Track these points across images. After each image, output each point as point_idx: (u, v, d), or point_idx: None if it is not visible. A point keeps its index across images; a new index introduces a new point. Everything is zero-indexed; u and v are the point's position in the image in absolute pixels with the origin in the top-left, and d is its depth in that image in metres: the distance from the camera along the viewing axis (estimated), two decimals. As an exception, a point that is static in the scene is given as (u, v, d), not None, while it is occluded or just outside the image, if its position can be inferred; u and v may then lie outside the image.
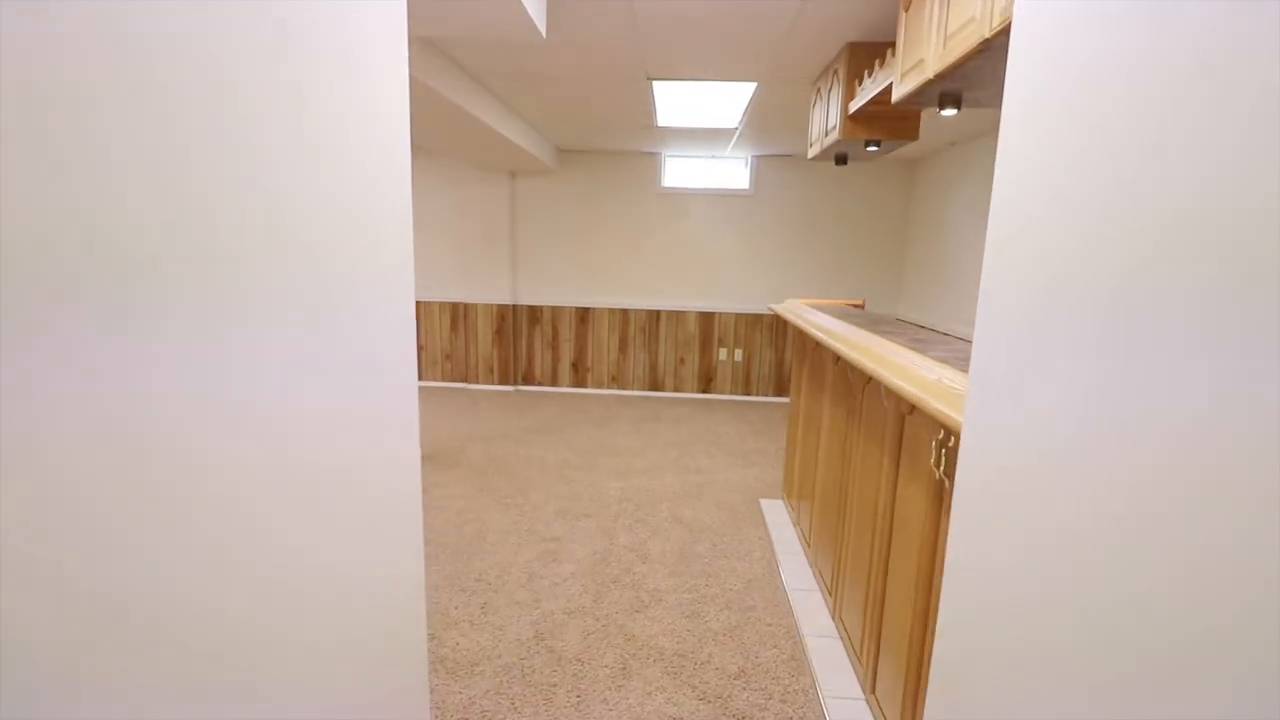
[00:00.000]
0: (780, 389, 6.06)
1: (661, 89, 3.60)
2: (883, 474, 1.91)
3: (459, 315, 6.22)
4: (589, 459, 4.27)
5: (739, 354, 6.03)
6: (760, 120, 4.33)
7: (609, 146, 5.57)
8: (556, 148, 5.70)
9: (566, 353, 6.17)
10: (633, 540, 3.11)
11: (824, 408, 2.67)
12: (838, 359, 2.47)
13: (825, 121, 2.96)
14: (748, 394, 6.09)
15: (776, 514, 3.42)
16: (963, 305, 4.60)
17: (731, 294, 5.96)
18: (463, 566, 2.81)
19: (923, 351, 1.77)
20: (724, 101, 3.94)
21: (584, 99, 3.87)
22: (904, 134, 2.70)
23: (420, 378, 6.54)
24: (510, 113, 4.24)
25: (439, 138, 4.29)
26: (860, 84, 2.52)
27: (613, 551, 2.99)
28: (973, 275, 4.47)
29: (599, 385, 6.19)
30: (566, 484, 3.82)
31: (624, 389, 6.18)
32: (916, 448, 1.65)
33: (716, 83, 3.39)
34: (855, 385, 2.23)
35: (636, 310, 6.03)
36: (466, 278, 6.11)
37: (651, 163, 5.81)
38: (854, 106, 2.58)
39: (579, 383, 6.20)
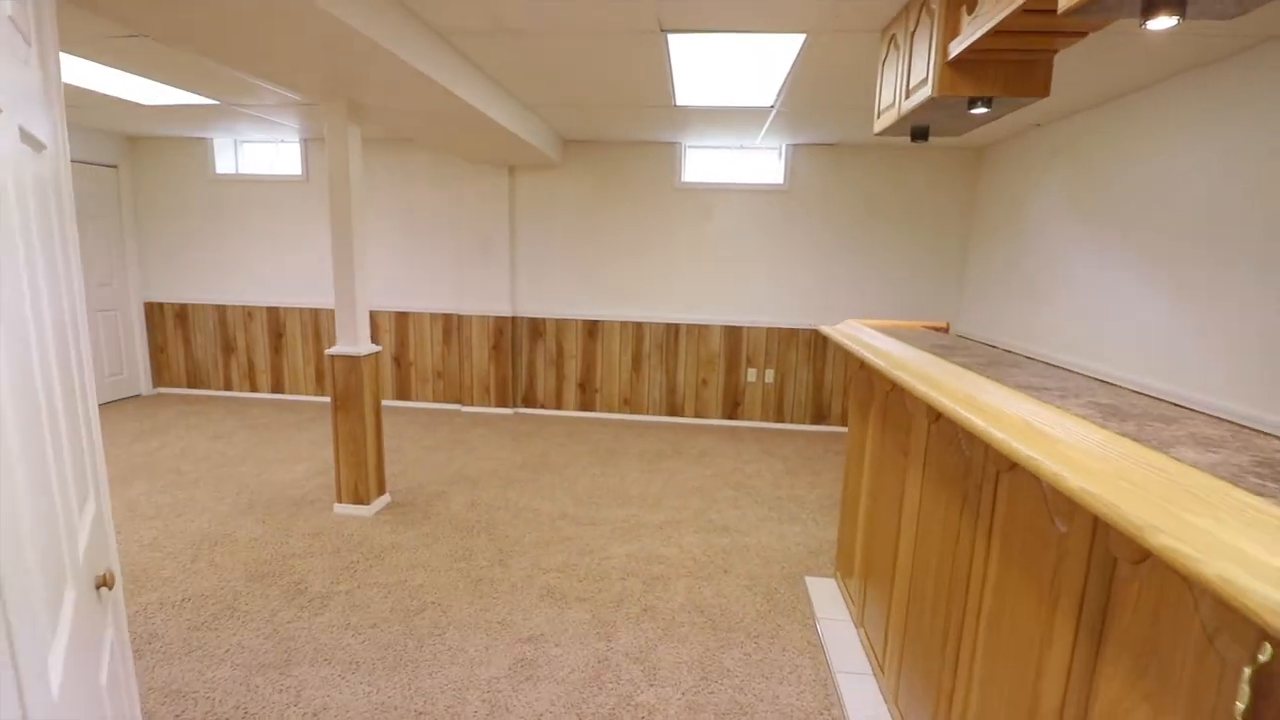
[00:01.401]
0: (819, 416, 5.23)
1: (681, 50, 2.83)
2: (1052, 643, 1.11)
3: (452, 328, 5.51)
4: (591, 510, 3.50)
5: (770, 375, 5.21)
6: (803, 95, 3.53)
7: (620, 136, 4.82)
8: (560, 138, 4.97)
9: (572, 372, 5.42)
10: (638, 642, 2.33)
11: (911, 478, 1.87)
12: (937, 417, 1.67)
13: (904, 79, 2.16)
14: (780, 421, 5.27)
15: (829, 602, 2.61)
16: (1058, 324, 3.73)
17: (762, 306, 5.15)
18: (403, 687, 2.06)
19: (1138, 437, 0.97)
20: (757, 72, 3.15)
21: (584, 68, 3.12)
22: (1027, 87, 1.89)
23: (409, 397, 5.87)
24: (499, 90, 3.50)
25: (414, 120, 3.57)
26: (971, 12, 1.72)
27: (610, 662, 2.22)
28: (1071, 286, 3.61)
29: (609, 409, 5.43)
30: (561, 547, 3.05)
31: (637, 413, 5.40)
32: (1162, 643, 0.85)
33: (751, 36, 2.61)
34: (979, 464, 1.43)
35: (652, 324, 5.26)
36: (461, 286, 5.40)
37: (669, 154, 5.04)
38: (959, 47, 1.78)
39: (586, 405, 5.44)
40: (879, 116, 2.49)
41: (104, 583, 1.06)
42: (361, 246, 3.25)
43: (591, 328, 5.33)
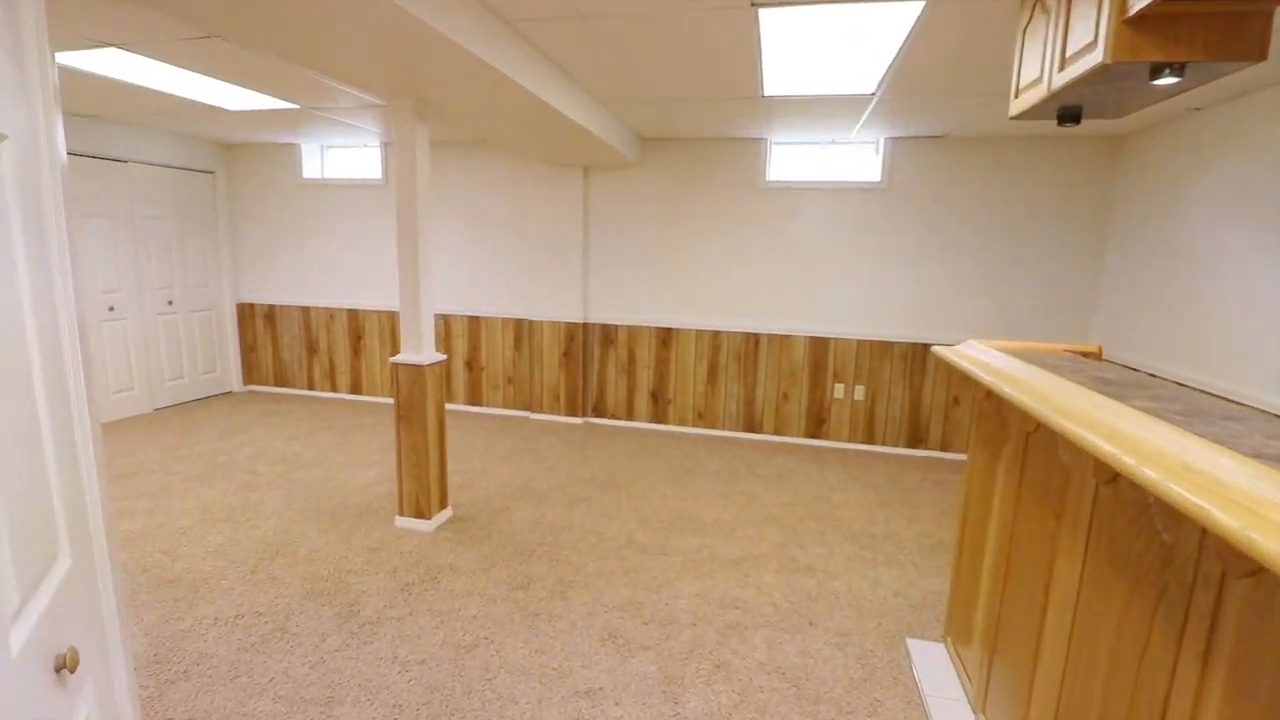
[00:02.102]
0: (915, 439, 4.71)
1: (772, 30, 2.50)
2: None
3: (523, 334, 5.39)
4: (660, 536, 3.22)
5: (860, 391, 4.75)
6: (911, 79, 3.11)
7: (701, 132, 4.51)
8: (638, 136, 4.72)
9: (645, 381, 5.16)
10: (709, 708, 2.02)
11: (1067, 549, 1.47)
12: (1112, 477, 1.27)
13: (1057, 47, 1.75)
14: (870, 443, 4.80)
15: (938, 674, 2.20)
16: (1229, 346, 3.11)
17: (853, 316, 4.70)
18: (446, 744, 1.85)
19: None
20: (859, 54, 2.78)
21: (662, 55, 2.85)
22: (1236, 49, 1.45)
23: (480, 403, 5.80)
24: (572, 85, 3.29)
25: (484, 120, 3.42)
26: (1169, -53, 1.31)
27: (677, 731, 1.92)
28: (1246, 300, 2.99)
29: (682, 421, 5.13)
30: (626, 579, 2.79)
31: (712, 428, 5.07)
32: None
33: (856, 7, 2.25)
34: (1190, 558, 1.04)
35: (730, 333, 4.92)
36: (532, 291, 5.26)
37: (754, 152, 4.69)
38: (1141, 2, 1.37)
39: (658, 417, 5.17)
40: (1017, 96, 2.07)
41: (65, 664, 0.87)
42: (427, 250, 3.12)
43: (665, 336, 5.05)
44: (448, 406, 5.63)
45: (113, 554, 1.14)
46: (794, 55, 2.82)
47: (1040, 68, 1.89)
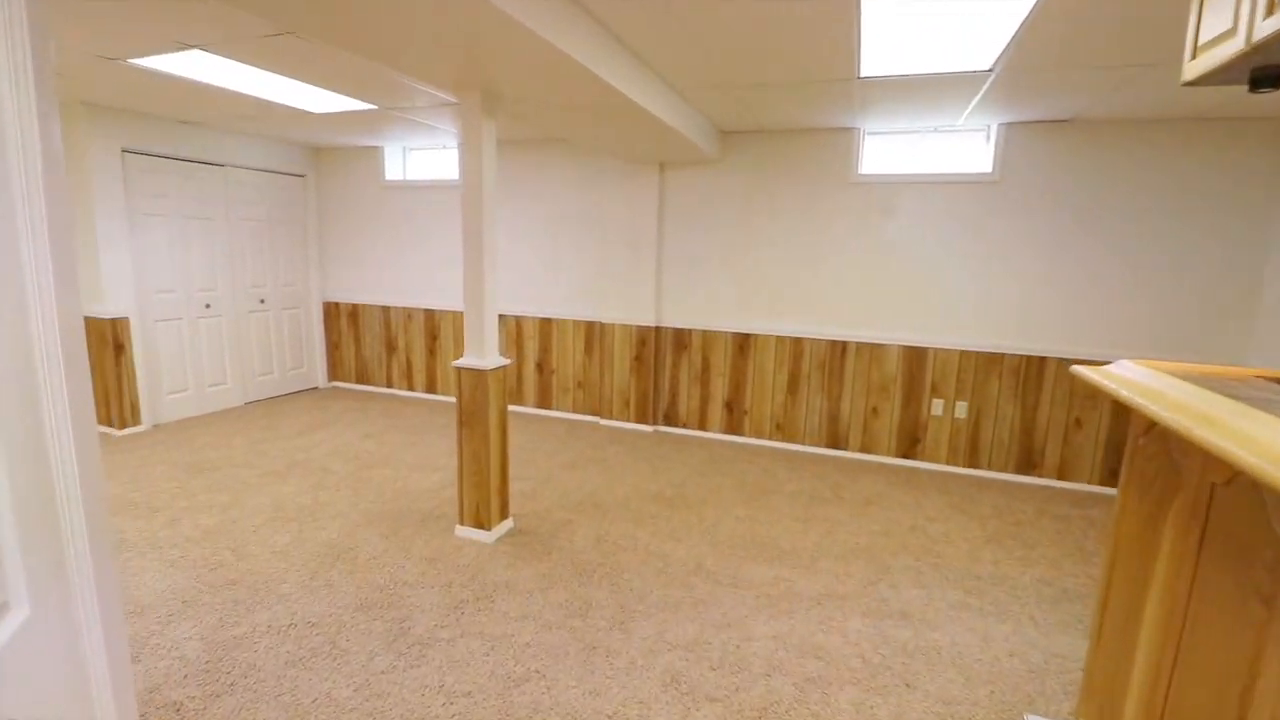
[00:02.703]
0: (1027, 464, 4.17)
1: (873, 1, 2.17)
2: None
3: (594, 337, 5.23)
4: (732, 564, 2.93)
5: (962, 408, 4.26)
6: (1038, 50, 2.68)
7: (786, 123, 4.18)
8: (718, 129, 4.44)
9: (719, 390, 4.87)
10: (785, 783, 1.73)
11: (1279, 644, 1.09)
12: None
13: (1269, -18, 1.34)
14: (974, 466, 4.29)
15: (1070, 764, 1.80)
16: None
17: (955, 324, 4.22)
18: (485, 799, 1.66)
19: None
20: (975, 24, 2.39)
21: (746, 34, 2.57)
22: None
23: (549, 406, 5.70)
24: (648, 73, 3.06)
25: (555, 114, 3.25)
26: None
27: (746, 810, 1.65)
28: None
29: (758, 434, 4.80)
30: (693, 612, 2.53)
31: (791, 442, 4.71)
32: None
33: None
34: None
35: (815, 340, 4.55)
36: (604, 293, 5.09)
37: (845, 143, 4.30)
38: None
39: (733, 428, 4.86)
40: (1194, 57, 1.65)
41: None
42: (493, 251, 2.98)
43: (743, 342, 4.74)
44: (518, 409, 5.56)
45: (108, 601, 1.00)
46: (898, 28, 2.46)
47: (1234, 16, 1.48)
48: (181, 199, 4.95)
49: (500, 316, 5.48)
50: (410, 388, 6.03)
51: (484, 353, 2.99)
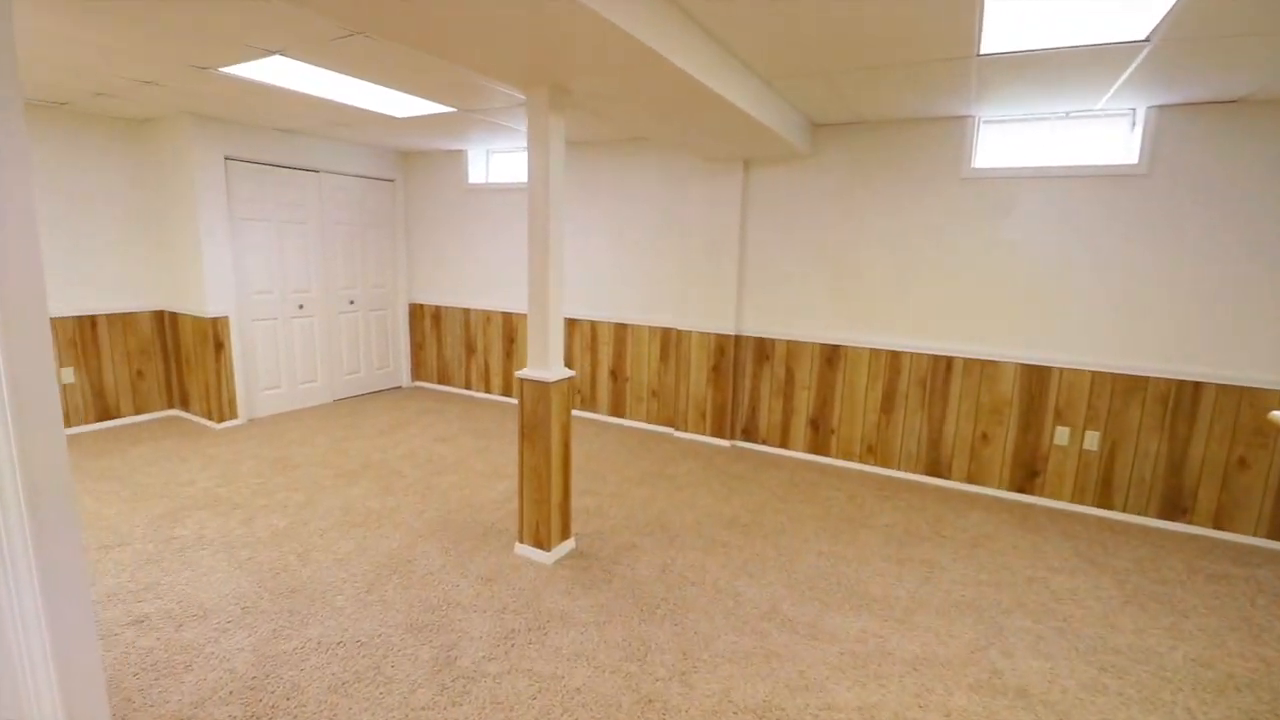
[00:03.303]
0: (1173, 508, 3.52)
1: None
2: None
3: (670, 344, 4.99)
4: (812, 609, 2.60)
5: (1093, 438, 3.67)
6: (1216, 11, 2.17)
7: (889, 112, 3.76)
8: (809, 122, 4.08)
9: (803, 405, 4.49)
10: None
11: None
12: None
13: None
14: (1106, 507, 3.69)
15: None
16: None
17: (1087, 340, 3.64)
18: None
19: None
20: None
21: (848, 10, 2.24)
22: None
23: (623, 414, 5.51)
24: (732, 61, 2.79)
25: (630, 109, 3.04)
26: None
27: None
28: None
29: (847, 456, 4.38)
30: (764, 667, 2.23)
31: (884, 466, 4.26)
32: None
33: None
34: None
35: (915, 354, 4.08)
36: (682, 299, 4.84)
37: (955, 133, 3.82)
38: None
39: (819, 448, 4.47)
40: None
41: None
42: (559, 255, 2.81)
43: (831, 354, 4.34)
44: (591, 416, 5.41)
45: (54, 592, 0.87)
46: (1034, -11, 2.06)
47: None
48: (279, 204, 5.16)
49: (574, 321, 5.36)
50: (487, 390, 6.03)
51: (548, 363, 2.82)
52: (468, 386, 6.16)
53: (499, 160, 5.83)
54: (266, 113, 4.32)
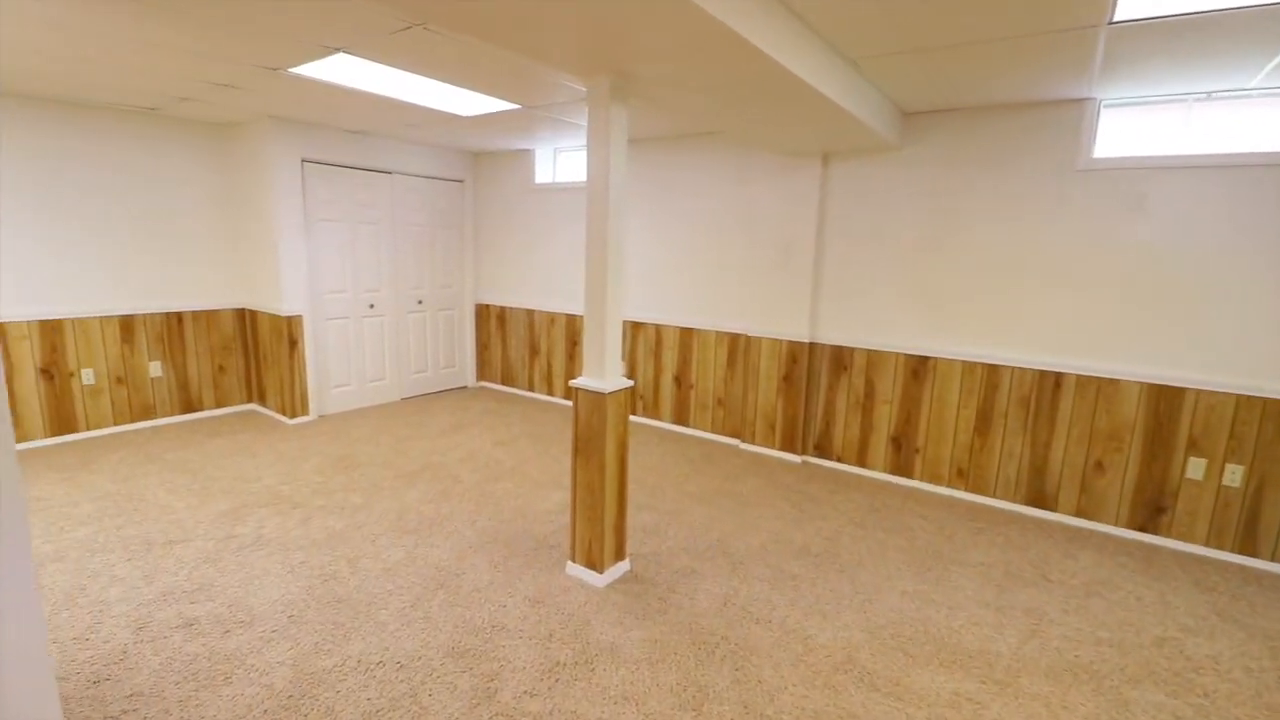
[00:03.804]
0: (1345, 560, 2.94)
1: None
2: None
3: (738, 351, 4.70)
4: (895, 663, 2.28)
5: (1236, 473, 3.12)
6: None
7: (992, 97, 3.35)
8: (899, 110, 3.71)
9: (885, 420, 4.11)
10: None
11: None
12: None
13: None
14: (1249, 554, 3.13)
15: None
16: None
17: (1234, 357, 3.10)
18: None
19: None
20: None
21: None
22: None
23: (686, 423, 5.26)
24: (811, 37, 2.50)
25: (700, 99, 2.80)
26: None
27: None
28: None
29: (933, 479, 3.96)
30: (836, 730, 1.95)
31: (977, 493, 3.82)
32: None
33: None
34: None
35: (1017, 369, 3.63)
36: (751, 302, 4.54)
37: (1072, 118, 3.35)
38: None
39: (901, 469, 4.08)
40: None
41: None
42: (618, 256, 2.60)
43: (918, 366, 3.94)
44: (653, 423, 5.20)
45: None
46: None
47: None
48: (353, 205, 5.24)
49: (638, 324, 5.16)
50: (550, 392, 5.94)
51: (604, 372, 2.63)
52: (530, 388, 6.09)
53: (566, 159, 5.71)
54: (340, 114, 4.36)
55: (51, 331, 4.27)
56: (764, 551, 3.08)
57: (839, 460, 4.32)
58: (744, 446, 4.67)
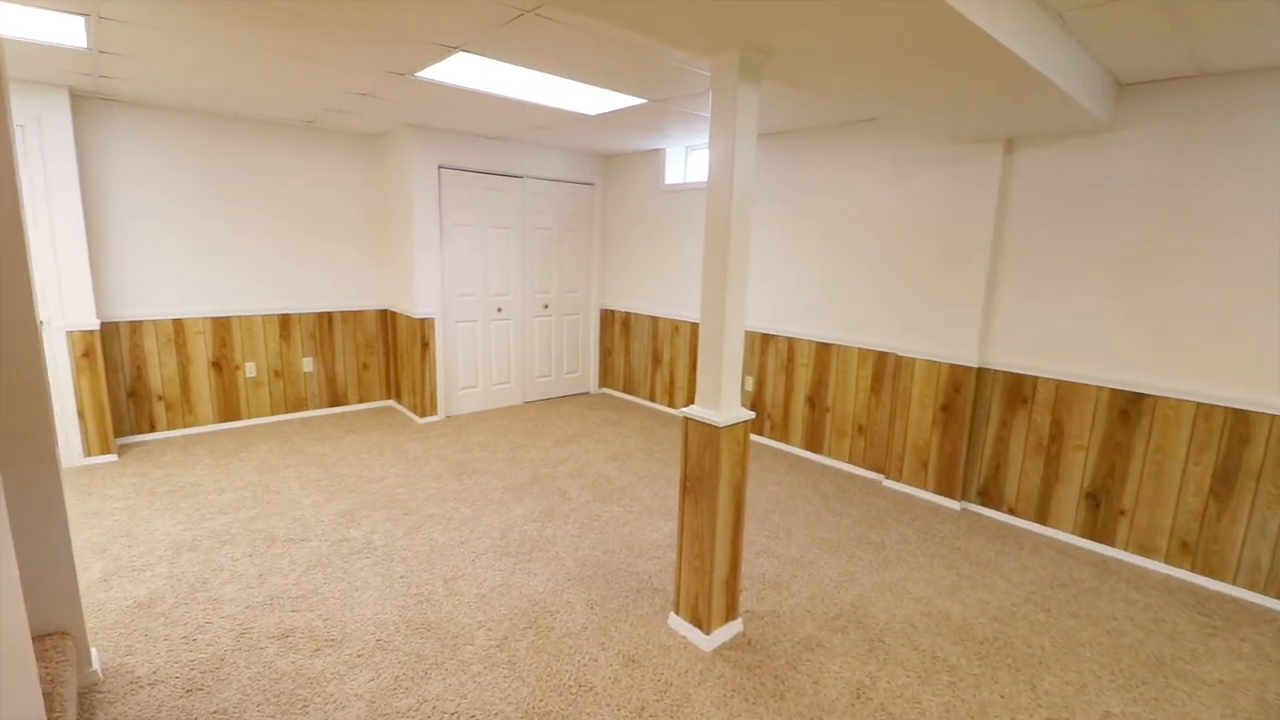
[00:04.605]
0: None
1: None
2: None
3: (885, 372, 4.07)
4: (1098, 823, 1.66)
5: None
6: None
7: (1254, 56, 2.49)
8: (1114, 80, 2.93)
9: (1076, 469, 3.30)
10: None
11: None
12: None
13: None
14: None
15: None
16: None
17: None
18: None
19: None
20: None
21: None
22: None
23: (819, 450, 4.67)
24: (1006, -15, 1.93)
25: (853, 74, 2.31)
26: None
27: None
28: None
29: (1145, 551, 3.10)
30: None
31: (1211, 577, 2.92)
32: None
33: None
34: None
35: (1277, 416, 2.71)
36: (905, 315, 3.90)
37: (1396, 76, 2.40)
38: None
39: (1097, 533, 3.25)
40: None
41: None
42: (742, 262, 2.20)
43: (1128, 404, 3.10)
44: (781, 447, 4.69)
45: None
46: None
47: None
48: (485, 209, 5.29)
49: (769, 336, 4.68)
50: (670, 404, 5.63)
51: (719, 399, 2.24)
52: (651, 398, 5.82)
53: (698, 157, 5.37)
54: (473, 120, 4.36)
55: (221, 328, 4.70)
56: (911, 628, 2.51)
57: (1010, 512, 3.56)
58: (888, 484, 4.03)
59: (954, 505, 3.71)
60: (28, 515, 1.87)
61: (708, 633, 2.34)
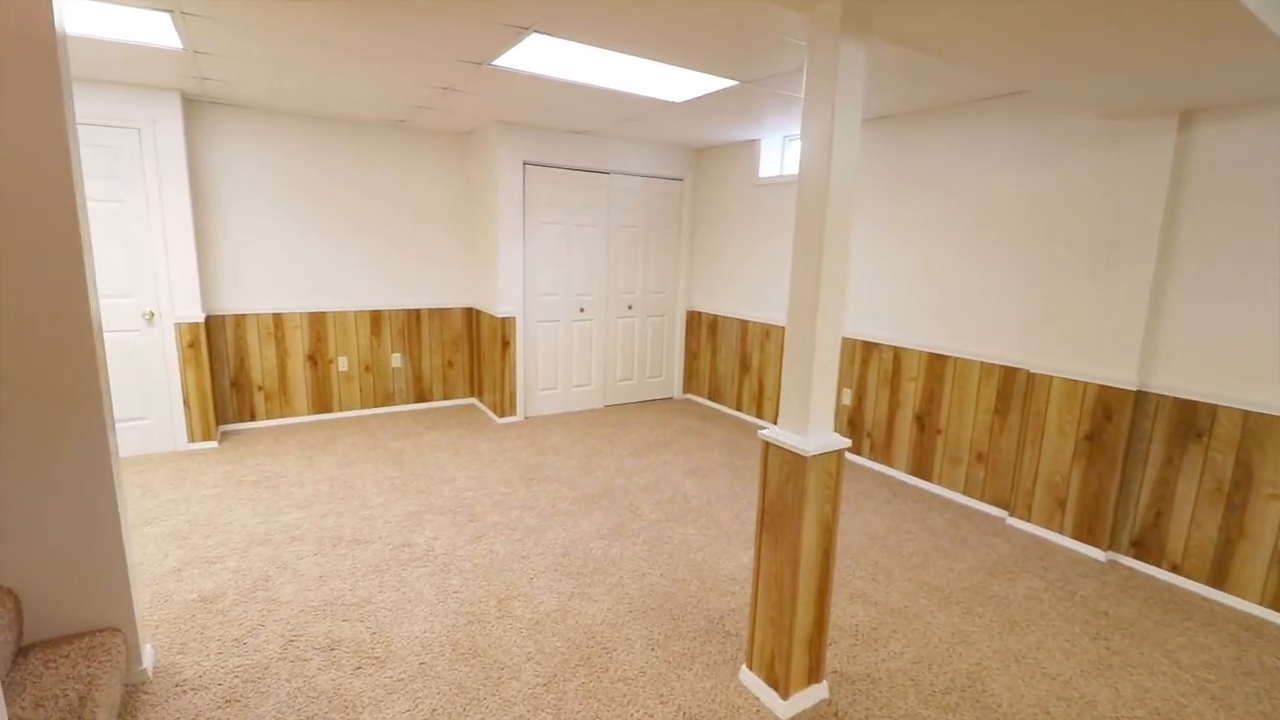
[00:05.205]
0: None
1: None
2: None
3: (1013, 390, 3.48)
4: None
5: None
6: None
7: None
8: (1351, 27, 2.25)
9: (1270, 523, 2.61)
10: None
11: None
12: None
13: None
14: None
15: None
16: None
17: None
18: None
19: None
20: None
21: None
22: None
23: (930, 477, 4.11)
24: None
25: (1004, 30, 1.87)
26: None
27: None
28: None
29: (1374, 637, 2.38)
30: None
31: None
32: None
33: None
34: None
35: None
36: (1039, 326, 3.30)
37: None
38: None
39: (1299, 604, 2.55)
40: None
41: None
42: (839, 261, 1.83)
43: (1354, 447, 2.39)
44: (883, 470, 4.18)
45: None
46: None
47: None
48: (570, 207, 5.13)
49: (871, 344, 4.18)
50: (759, 414, 5.23)
51: (807, 424, 1.88)
52: (738, 407, 5.44)
53: (797, 147, 4.94)
54: (557, 114, 4.19)
55: (317, 323, 4.83)
56: (1044, 714, 2.02)
57: (1174, 570, 2.89)
58: (1012, 522, 3.44)
59: (1098, 555, 3.09)
60: (79, 509, 1.84)
61: (785, 697, 1.98)
